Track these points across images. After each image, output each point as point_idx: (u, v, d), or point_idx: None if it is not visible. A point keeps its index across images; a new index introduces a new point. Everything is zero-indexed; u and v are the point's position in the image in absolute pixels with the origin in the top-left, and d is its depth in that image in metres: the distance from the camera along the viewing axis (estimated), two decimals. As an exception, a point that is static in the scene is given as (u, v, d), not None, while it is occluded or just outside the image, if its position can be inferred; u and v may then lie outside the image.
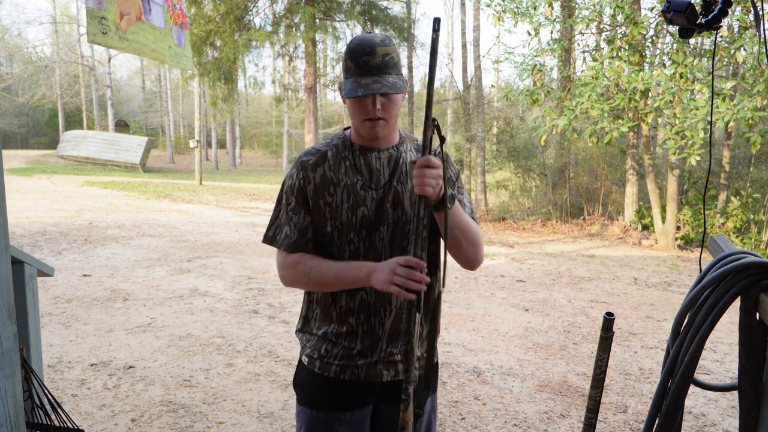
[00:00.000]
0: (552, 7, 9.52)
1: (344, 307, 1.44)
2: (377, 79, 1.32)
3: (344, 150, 1.46)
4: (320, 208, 1.42)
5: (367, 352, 1.44)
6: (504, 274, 6.99)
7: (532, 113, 13.95)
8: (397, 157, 1.45)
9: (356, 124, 1.39)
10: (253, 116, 40.23)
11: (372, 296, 1.42)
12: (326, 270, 1.39)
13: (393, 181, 1.43)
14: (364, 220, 1.40)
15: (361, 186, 1.41)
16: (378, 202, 1.41)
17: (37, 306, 2.28)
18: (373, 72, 1.32)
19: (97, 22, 2.95)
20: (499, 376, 3.76)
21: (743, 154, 11.21)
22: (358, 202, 1.40)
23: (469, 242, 1.42)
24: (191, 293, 5.56)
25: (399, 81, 1.34)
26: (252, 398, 3.31)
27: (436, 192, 1.25)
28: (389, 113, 1.36)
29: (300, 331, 1.55)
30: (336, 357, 1.45)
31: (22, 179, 17.47)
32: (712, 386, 1.40)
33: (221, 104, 15.68)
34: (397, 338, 1.45)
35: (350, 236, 1.41)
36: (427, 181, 1.24)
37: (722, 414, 3.28)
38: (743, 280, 1.17)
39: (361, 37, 1.35)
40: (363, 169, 1.43)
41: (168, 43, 3.61)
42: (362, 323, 1.43)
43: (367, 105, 1.34)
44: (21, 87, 34.68)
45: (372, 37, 1.33)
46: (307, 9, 13.42)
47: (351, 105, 1.37)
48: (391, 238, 1.41)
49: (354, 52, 1.33)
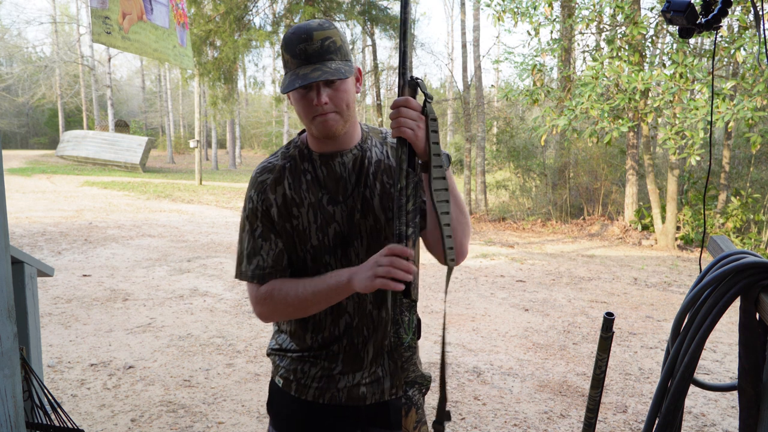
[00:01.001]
0: (552, 7, 9.52)
1: (327, 337, 1.30)
2: (317, 67, 1.15)
3: (303, 161, 1.28)
4: (287, 233, 1.26)
5: (349, 373, 1.31)
6: (504, 274, 6.99)
7: (532, 113, 13.95)
8: (362, 157, 1.28)
9: (307, 124, 1.22)
10: (253, 116, 40.23)
11: (355, 318, 1.29)
12: (303, 290, 1.22)
13: (359, 187, 1.26)
14: (337, 239, 1.25)
15: (327, 201, 1.25)
16: (348, 213, 1.25)
17: (37, 306, 2.28)
18: (312, 60, 1.15)
19: (101, 22, 2.96)
20: (499, 376, 3.76)
21: (743, 154, 11.21)
22: (328, 219, 1.24)
23: (460, 222, 1.22)
24: (191, 293, 5.56)
25: (344, 66, 1.17)
26: (252, 398, 3.31)
27: (417, 136, 1.08)
28: (340, 104, 1.19)
29: (273, 353, 1.40)
30: (314, 378, 1.31)
31: (22, 179, 17.47)
32: (712, 386, 1.40)
33: (221, 104, 15.67)
34: (381, 356, 1.33)
35: (326, 259, 1.25)
36: (403, 121, 1.07)
37: (722, 414, 3.28)
38: (743, 280, 1.17)
39: (297, 25, 1.20)
40: (326, 180, 1.26)
41: (172, 43, 3.61)
42: (345, 347, 1.30)
43: (312, 99, 1.17)
44: (21, 87, 34.68)
45: (308, 23, 1.18)
46: (307, 9, 13.42)
47: (296, 103, 1.20)
48: (367, 251, 1.26)
49: (289, 42, 1.17)
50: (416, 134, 1.08)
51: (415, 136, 1.08)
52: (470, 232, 1.29)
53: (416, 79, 1.10)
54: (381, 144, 1.33)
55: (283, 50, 1.19)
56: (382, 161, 1.30)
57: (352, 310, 1.29)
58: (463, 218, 1.23)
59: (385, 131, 1.36)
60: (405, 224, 1.10)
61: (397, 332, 1.12)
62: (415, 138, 1.08)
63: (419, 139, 1.09)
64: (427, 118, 1.09)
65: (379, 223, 1.26)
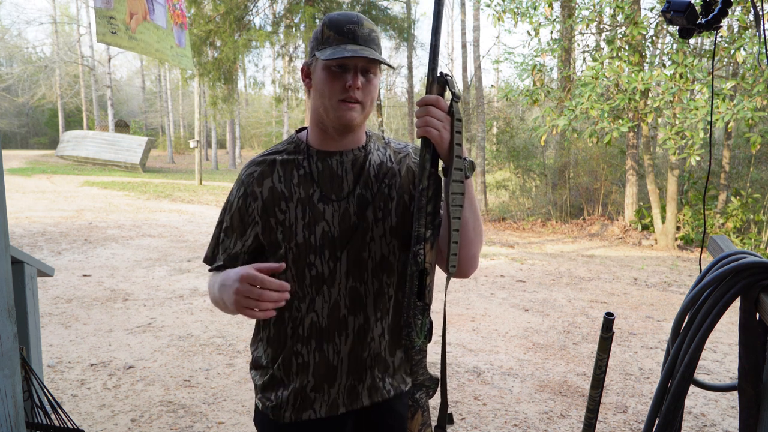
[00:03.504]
0: (552, 7, 9.53)
1: (292, 336, 1.23)
2: (366, 49, 1.12)
3: (298, 155, 1.23)
4: (271, 228, 1.19)
5: (323, 386, 1.23)
6: (504, 274, 6.99)
7: (532, 113, 13.95)
8: (363, 159, 1.23)
9: (327, 106, 1.16)
10: (253, 116, 40.24)
11: (324, 318, 1.21)
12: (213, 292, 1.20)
13: (357, 188, 1.21)
14: (325, 239, 1.18)
15: (318, 198, 1.19)
16: (342, 215, 1.19)
17: (37, 306, 2.28)
18: (359, 41, 1.13)
19: (106, 22, 2.96)
20: (499, 376, 3.76)
21: (743, 154, 11.21)
22: (316, 217, 1.18)
23: (477, 233, 1.18)
24: (191, 293, 5.56)
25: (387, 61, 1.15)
26: (252, 398, 3.31)
27: (442, 137, 1.04)
28: (367, 97, 1.16)
29: (252, 368, 1.34)
30: (288, 403, 1.24)
31: (22, 179, 17.47)
32: (712, 386, 1.40)
33: (221, 104, 15.68)
34: (358, 371, 1.24)
35: (310, 259, 1.18)
36: (430, 121, 1.04)
37: (722, 414, 3.28)
38: (743, 280, 1.17)
39: (341, 11, 1.18)
40: (320, 177, 1.20)
41: (170, 43, 3.61)
42: (313, 351, 1.22)
43: (346, 80, 1.12)
44: (21, 87, 34.69)
45: (356, 13, 1.17)
46: (307, 9, 13.42)
47: (325, 81, 1.14)
48: (355, 256, 1.21)
49: (337, 22, 1.13)
50: (441, 135, 1.05)
51: (440, 137, 1.05)
52: (483, 239, 1.26)
53: (446, 76, 1.06)
54: (384, 147, 1.29)
55: (326, 27, 1.14)
56: (384, 164, 1.26)
57: (321, 311, 1.21)
58: (479, 229, 1.19)
59: (387, 138, 1.33)
60: (424, 226, 1.08)
61: (409, 335, 1.11)
62: (440, 140, 1.05)
63: (444, 140, 1.05)
64: (453, 117, 1.06)
65: (373, 227, 1.21)
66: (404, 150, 1.30)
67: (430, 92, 1.06)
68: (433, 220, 1.09)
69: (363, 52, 1.09)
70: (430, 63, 1.05)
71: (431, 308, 1.13)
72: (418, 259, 1.09)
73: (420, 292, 1.09)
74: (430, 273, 1.11)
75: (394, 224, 1.22)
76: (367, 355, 1.24)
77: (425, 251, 1.09)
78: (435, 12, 1.05)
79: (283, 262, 1.10)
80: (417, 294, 1.10)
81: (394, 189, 1.23)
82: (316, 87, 1.17)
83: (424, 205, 1.07)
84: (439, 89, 1.06)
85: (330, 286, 1.20)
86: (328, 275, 1.19)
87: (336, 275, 1.19)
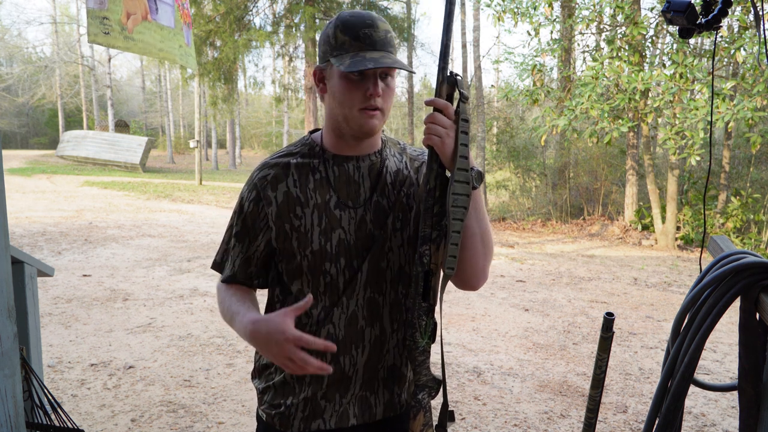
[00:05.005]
0: (552, 7, 9.53)
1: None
2: (386, 54, 1.08)
3: (313, 159, 1.19)
4: (286, 235, 1.16)
5: (334, 396, 1.20)
6: (504, 274, 6.99)
7: (532, 113, 13.95)
8: (380, 165, 1.20)
9: (347, 115, 1.12)
10: (253, 116, 40.24)
11: (341, 330, 1.17)
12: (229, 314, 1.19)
13: (375, 196, 1.18)
14: (341, 247, 1.15)
15: (335, 204, 1.16)
16: (358, 222, 1.16)
17: (37, 306, 2.28)
18: (377, 47, 1.09)
19: (98, 22, 2.95)
20: (499, 376, 3.76)
21: (743, 154, 11.21)
22: (333, 224, 1.15)
23: (484, 243, 1.15)
24: (191, 293, 5.56)
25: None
26: (252, 398, 3.31)
27: (444, 144, 1.04)
28: (387, 102, 1.13)
29: (256, 377, 1.30)
30: (298, 408, 1.21)
31: (22, 179, 17.46)
32: (712, 386, 1.40)
33: (221, 104, 15.68)
34: (372, 382, 1.21)
35: (325, 267, 1.15)
36: (433, 128, 1.04)
37: (722, 414, 3.28)
38: (743, 280, 1.17)
39: (351, 11, 1.13)
40: (337, 182, 1.17)
41: (179, 42, 3.60)
42: (329, 363, 1.18)
43: (366, 88, 1.09)
44: (21, 87, 34.69)
45: (367, 12, 1.12)
46: (307, 9, 13.42)
47: (343, 90, 1.10)
48: (373, 265, 1.19)
49: (351, 25, 1.09)
50: (444, 142, 1.04)
51: (442, 144, 1.04)
52: (493, 251, 1.23)
53: (456, 76, 1.05)
54: (400, 154, 1.26)
55: (340, 31, 1.09)
56: (401, 171, 1.23)
57: (338, 323, 1.18)
58: (489, 242, 1.16)
59: (402, 143, 1.30)
60: (430, 227, 1.07)
61: (413, 336, 1.10)
62: (442, 146, 1.04)
63: (446, 147, 1.04)
64: (458, 117, 1.05)
65: (392, 237, 1.19)
66: (420, 158, 1.28)
67: (440, 92, 1.06)
68: (440, 221, 1.08)
69: (385, 61, 1.06)
70: (440, 62, 1.04)
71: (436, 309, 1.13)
72: (424, 260, 1.08)
73: (425, 292, 1.09)
74: (436, 274, 1.10)
75: (412, 234, 1.20)
76: (381, 366, 1.22)
77: (431, 252, 1.08)
78: (446, 11, 1.04)
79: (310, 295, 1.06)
80: (422, 295, 1.09)
81: (412, 198, 1.22)
82: (334, 95, 1.13)
83: (431, 206, 1.07)
84: (449, 89, 1.06)
85: (348, 297, 1.17)
86: (346, 286, 1.16)
87: (355, 286, 1.17)
